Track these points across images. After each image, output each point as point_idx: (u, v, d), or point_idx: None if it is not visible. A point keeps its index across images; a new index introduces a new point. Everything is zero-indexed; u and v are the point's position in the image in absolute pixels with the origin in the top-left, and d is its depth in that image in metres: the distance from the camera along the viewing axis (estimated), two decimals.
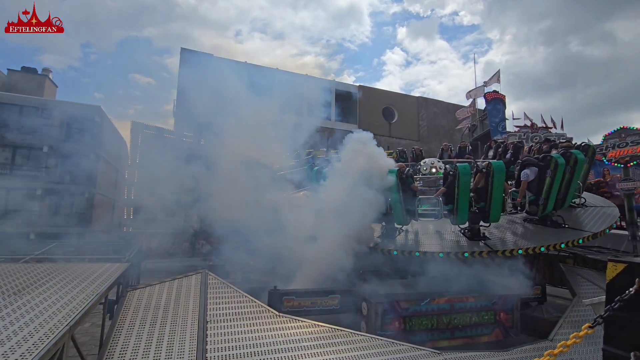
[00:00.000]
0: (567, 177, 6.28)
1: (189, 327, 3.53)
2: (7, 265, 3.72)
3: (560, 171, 6.03)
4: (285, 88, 16.77)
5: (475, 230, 6.14)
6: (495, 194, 5.81)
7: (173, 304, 3.93)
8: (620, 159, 10.93)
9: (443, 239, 6.35)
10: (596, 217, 6.58)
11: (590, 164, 7.02)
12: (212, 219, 8.98)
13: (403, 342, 3.83)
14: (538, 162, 6.30)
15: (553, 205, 6.30)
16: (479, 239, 6.02)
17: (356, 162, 6.48)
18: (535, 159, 6.51)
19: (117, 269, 4.14)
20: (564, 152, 6.37)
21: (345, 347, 3.56)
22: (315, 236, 6.23)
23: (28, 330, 2.32)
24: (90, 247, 6.09)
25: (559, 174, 6.03)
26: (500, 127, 21.02)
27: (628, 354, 1.64)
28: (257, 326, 3.67)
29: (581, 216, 6.75)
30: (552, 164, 6.03)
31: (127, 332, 3.40)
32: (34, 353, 2.05)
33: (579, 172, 6.50)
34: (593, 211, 6.91)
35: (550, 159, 6.10)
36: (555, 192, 6.19)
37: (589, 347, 3.65)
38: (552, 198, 6.18)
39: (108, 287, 3.52)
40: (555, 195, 6.23)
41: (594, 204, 7.40)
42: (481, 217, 6.15)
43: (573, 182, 6.45)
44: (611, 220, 6.38)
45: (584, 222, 6.43)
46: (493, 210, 5.97)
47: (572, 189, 6.56)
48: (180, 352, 3.14)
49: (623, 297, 1.70)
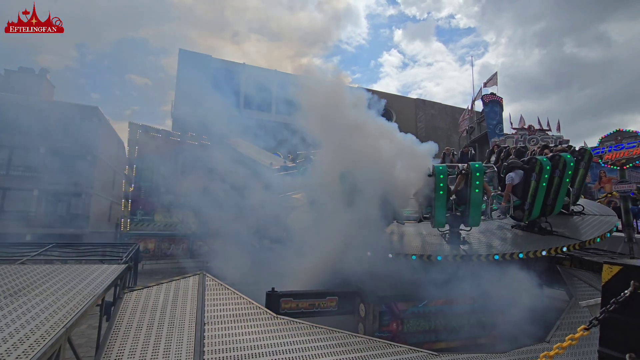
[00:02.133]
0: (556, 181, 6.04)
1: (187, 329, 3.52)
2: (3, 267, 3.69)
3: (546, 175, 5.84)
4: (284, 89, 16.79)
5: (455, 234, 5.99)
6: (473, 197, 5.60)
7: (170, 306, 3.92)
8: (616, 162, 11.01)
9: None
10: (590, 225, 6.33)
11: (586, 169, 6.75)
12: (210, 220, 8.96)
13: (401, 344, 3.83)
14: (523, 165, 6.14)
15: (539, 210, 6.09)
16: (458, 243, 5.87)
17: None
18: (521, 161, 6.34)
19: (114, 270, 4.12)
20: (552, 155, 6.16)
21: (343, 349, 3.56)
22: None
23: (24, 332, 2.31)
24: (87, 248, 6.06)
25: (543, 178, 5.84)
26: (497, 129, 21.15)
27: (623, 355, 1.65)
28: (254, 328, 3.66)
29: (575, 224, 6.50)
30: (537, 167, 5.85)
31: (124, 334, 3.38)
32: (30, 355, 2.04)
33: (570, 176, 6.20)
34: (590, 219, 6.64)
35: (535, 162, 5.93)
36: (541, 197, 5.97)
37: (585, 349, 3.67)
38: (537, 203, 5.98)
39: (105, 288, 3.50)
40: (541, 200, 6.01)
41: (593, 212, 7.09)
42: (462, 221, 5.98)
43: (562, 187, 6.15)
44: (605, 228, 6.09)
45: (576, 229, 6.20)
46: (472, 214, 5.74)
47: (561, 194, 6.24)
48: (178, 354, 3.13)
49: (618, 299, 1.72)
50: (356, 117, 6.31)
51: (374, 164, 5.81)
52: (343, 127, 6.14)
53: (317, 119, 6.41)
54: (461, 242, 5.91)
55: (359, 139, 6.03)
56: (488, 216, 7.14)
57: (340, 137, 6.16)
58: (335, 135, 6.25)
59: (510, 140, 19.28)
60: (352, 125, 6.15)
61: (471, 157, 10.87)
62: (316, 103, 6.34)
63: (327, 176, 6.43)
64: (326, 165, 6.56)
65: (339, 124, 6.17)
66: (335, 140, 6.30)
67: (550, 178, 5.95)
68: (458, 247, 5.75)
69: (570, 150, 6.67)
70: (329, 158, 6.56)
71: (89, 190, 18.89)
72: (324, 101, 6.27)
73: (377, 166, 5.82)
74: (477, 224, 5.98)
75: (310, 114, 6.48)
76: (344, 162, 6.03)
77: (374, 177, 5.71)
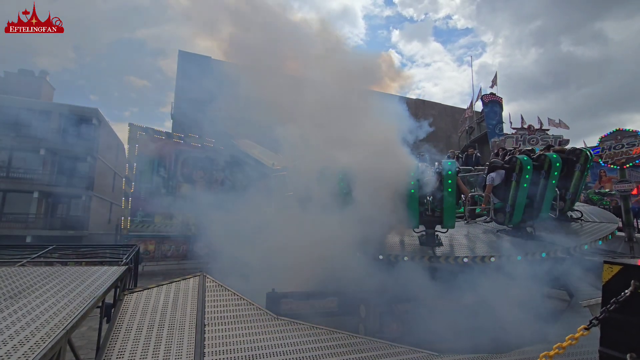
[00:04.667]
0: (542, 182, 5.67)
1: (187, 330, 3.52)
2: (4, 269, 3.69)
3: (527, 175, 5.50)
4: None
5: (430, 235, 5.78)
6: (446, 198, 5.41)
7: (170, 307, 3.92)
8: (616, 161, 11.01)
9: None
10: (583, 233, 5.99)
11: (582, 171, 6.33)
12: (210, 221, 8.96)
13: (402, 345, 3.83)
14: (503, 165, 5.87)
15: (521, 213, 5.73)
16: (433, 244, 5.67)
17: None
18: (502, 161, 6.07)
19: (115, 272, 4.12)
20: (538, 155, 5.87)
21: (343, 350, 3.55)
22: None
23: (24, 334, 2.31)
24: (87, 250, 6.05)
25: (524, 178, 5.50)
26: (497, 129, 21.14)
27: (624, 355, 1.65)
28: (255, 329, 3.66)
29: (569, 230, 6.13)
30: (517, 166, 5.54)
31: (125, 336, 3.38)
32: (30, 357, 2.04)
33: (556, 178, 5.80)
34: (587, 226, 6.30)
35: (515, 161, 5.64)
36: (523, 199, 5.61)
37: (585, 349, 3.66)
38: (519, 205, 5.64)
39: (105, 290, 3.50)
40: (523, 203, 5.65)
41: (593, 218, 6.72)
42: (437, 222, 5.76)
43: (549, 189, 5.75)
44: (597, 235, 5.74)
45: (566, 235, 5.78)
46: (445, 215, 5.55)
47: (547, 197, 5.84)
48: (178, 356, 3.13)
49: (618, 299, 1.72)
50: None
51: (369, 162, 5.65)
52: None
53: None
54: (436, 244, 5.70)
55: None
56: (467, 218, 6.85)
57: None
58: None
59: (510, 140, 19.27)
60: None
61: (476, 160, 10.62)
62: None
63: (313, 174, 6.25)
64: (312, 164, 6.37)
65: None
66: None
67: (534, 179, 5.61)
68: (431, 248, 5.57)
69: (566, 152, 6.39)
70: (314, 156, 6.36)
71: (89, 192, 18.90)
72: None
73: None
74: (452, 226, 5.74)
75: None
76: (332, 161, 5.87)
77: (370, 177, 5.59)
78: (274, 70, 6.18)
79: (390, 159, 5.63)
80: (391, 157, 5.67)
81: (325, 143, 6.09)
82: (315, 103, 6.13)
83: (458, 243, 5.88)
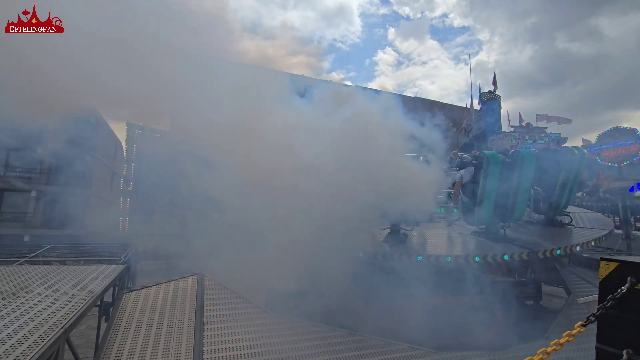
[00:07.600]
0: (515, 181, 5.29)
1: (186, 329, 3.52)
2: (2, 268, 3.69)
3: (495, 172, 5.14)
4: (283, 89, 16.74)
5: (395, 232, 5.61)
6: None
7: (169, 306, 3.92)
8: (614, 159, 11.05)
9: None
10: (565, 236, 5.79)
11: (575, 174, 6.03)
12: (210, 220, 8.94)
13: (400, 342, 3.84)
14: (472, 161, 5.65)
15: (491, 213, 5.37)
16: (397, 242, 5.46)
17: None
18: (472, 157, 5.83)
19: (113, 270, 4.11)
20: (513, 152, 5.58)
21: (342, 348, 3.57)
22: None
23: (22, 333, 2.31)
24: (85, 249, 6.05)
25: (492, 175, 5.15)
26: (495, 127, 21.16)
27: (620, 351, 1.66)
28: (254, 327, 3.67)
29: (551, 234, 5.85)
30: (485, 162, 5.22)
31: (123, 335, 3.38)
32: (28, 356, 2.03)
33: (530, 176, 5.47)
34: (575, 231, 6.07)
35: (482, 157, 5.35)
36: (491, 198, 5.23)
37: (583, 345, 3.69)
38: (487, 204, 5.26)
39: (104, 289, 3.50)
40: (491, 202, 5.26)
41: (585, 224, 6.49)
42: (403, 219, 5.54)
43: (523, 188, 5.42)
44: (579, 239, 5.45)
45: (541, 239, 5.56)
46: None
47: (522, 197, 5.49)
48: (177, 355, 3.13)
49: (615, 296, 1.73)
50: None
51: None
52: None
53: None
54: (400, 241, 5.52)
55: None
56: (430, 217, 6.40)
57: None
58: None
59: (509, 137, 19.33)
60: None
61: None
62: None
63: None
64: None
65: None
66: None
67: (505, 177, 5.25)
68: (396, 246, 5.40)
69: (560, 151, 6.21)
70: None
71: (87, 191, 18.84)
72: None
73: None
74: (417, 224, 5.68)
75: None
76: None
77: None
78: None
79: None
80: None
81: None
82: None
83: (426, 243, 5.71)
